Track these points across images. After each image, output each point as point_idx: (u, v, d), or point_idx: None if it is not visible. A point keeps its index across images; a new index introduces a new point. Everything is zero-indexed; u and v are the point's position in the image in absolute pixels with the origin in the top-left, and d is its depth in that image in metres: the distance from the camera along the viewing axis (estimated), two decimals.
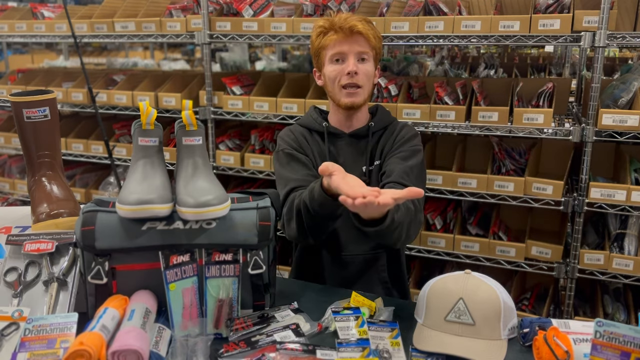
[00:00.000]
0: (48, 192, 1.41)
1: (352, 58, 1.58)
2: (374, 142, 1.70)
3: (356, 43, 1.58)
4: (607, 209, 2.22)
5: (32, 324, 1.09)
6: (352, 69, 1.57)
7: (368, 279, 1.70)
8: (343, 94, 1.61)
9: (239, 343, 1.17)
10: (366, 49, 1.59)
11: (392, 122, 1.74)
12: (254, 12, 2.70)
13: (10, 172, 3.57)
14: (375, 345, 1.18)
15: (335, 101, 1.65)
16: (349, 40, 1.58)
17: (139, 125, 1.28)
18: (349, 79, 1.59)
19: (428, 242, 2.56)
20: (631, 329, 0.97)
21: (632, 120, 2.11)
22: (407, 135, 1.68)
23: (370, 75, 1.63)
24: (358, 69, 1.58)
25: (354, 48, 1.58)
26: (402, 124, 1.74)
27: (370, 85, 1.64)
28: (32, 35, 3.15)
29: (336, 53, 1.59)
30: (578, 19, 2.14)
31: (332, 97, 1.66)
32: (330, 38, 1.59)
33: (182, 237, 1.21)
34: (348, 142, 1.69)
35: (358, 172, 1.65)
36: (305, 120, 1.76)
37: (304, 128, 1.74)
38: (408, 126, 1.73)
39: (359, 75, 1.59)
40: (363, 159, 1.68)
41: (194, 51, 7.87)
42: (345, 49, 1.58)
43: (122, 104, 3.00)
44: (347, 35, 1.57)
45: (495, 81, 2.77)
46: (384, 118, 1.73)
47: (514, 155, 2.55)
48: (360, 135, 1.69)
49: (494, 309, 1.19)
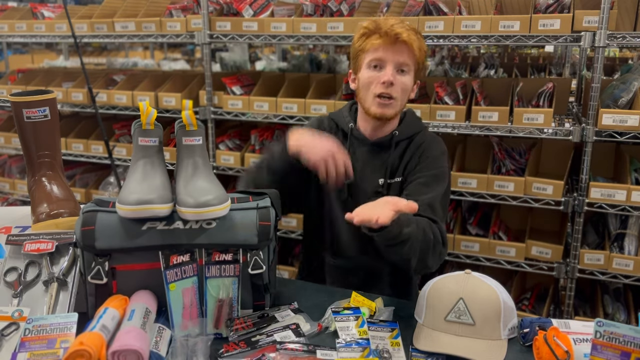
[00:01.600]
0: (48, 192, 1.41)
1: (390, 67, 1.50)
2: (396, 153, 1.61)
3: (398, 52, 1.49)
4: (607, 209, 2.22)
5: (32, 324, 1.09)
6: (389, 79, 1.49)
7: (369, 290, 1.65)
8: (375, 103, 1.53)
9: (239, 343, 1.17)
10: (407, 61, 1.51)
11: (420, 132, 1.64)
12: (254, 12, 2.70)
13: (10, 172, 3.57)
14: (375, 345, 1.18)
15: (364, 108, 1.57)
16: (392, 48, 1.49)
17: (139, 125, 1.28)
18: (383, 88, 1.50)
19: None
20: (631, 329, 0.98)
21: (632, 120, 2.11)
22: (434, 153, 1.60)
23: (407, 89, 1.54)
24: (395, 79, 1.50)
25: (395, 57, 1.50)
26: (430, 138, 1.64)
27: (404, 99, 1.56)
28: (32, 35, 3.15)
29: (375, 59, 1.51)
30: (578, 19, 2.14)
31: (363, 104, 1.58)
32: (372, 42, 1.51)
33: (182, 237, 1.21)
34: (369, 150, 1.62)
35: (374, 184, 1.61)
36: (337, 115, 1.70)
37: (335, 124, 1.69)
38: (436, 141, 1.64)
39: (394, 87, 1.50)
40: (381, 172, 1.61)
41: (194, 51, 7.87)
42: (385, 57, 1.50)
43: (122, 104, 3.00)
44: (391, 43, 1.48)
45: (495, 81, 2.77)
46: (410, 126, 1.64)
47: (514, 155, 2.55)
48: (383, 144, 1.61)
49: (494, 309, 1.19)
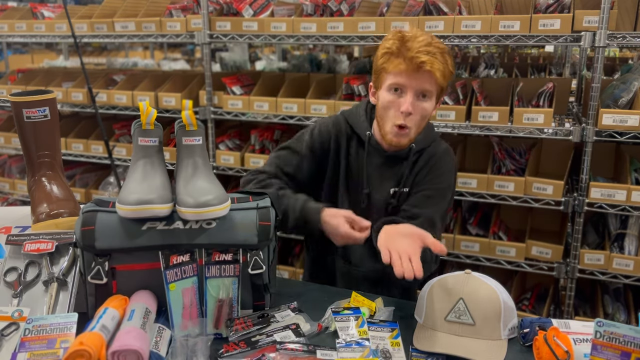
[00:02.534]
0: (48, 192, 1.41)
1: (410, 95, 1.45)
2: (408, 163, 1.60)
3: (420, 80, 1.44)
4: (607, 209, 2.22)
5: (32, 324, 1.09)
6: (407, 109, 1.44)
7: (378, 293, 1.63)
8: (392, 131, 1.50)
9: (239, 343, 1.17)
10: (429, 88, 1.46)
11: (432, 143, 1.62)
12: (254, 12, 2.70)
13: (10, 172, 3.57)
14: (375, 345, 1.18)
15: (381, 129, 1.54)
16: (414, 75, 1.43)
17: (139, 125, 1.28)
18: (402, 118, 1.46)
19: None
20: (631, 329, 0.97)
21: (632, 120, 2.11)
22: (444, 168, 1.59)
23: (426, 115, 1.50)
24: (414, 108, 1.45)
25: (416, 84, 1.45)
26: (443, 151, 1.62)
27: (422, 124, 1.52)
28: (32, 35, 3.15)
29: (396, 83, 1.46)
30: (578, 19, 2.14)
31: (380, 127, 1.54)
32: (394, 65, 1.45)
33: (182, 237, 1.21)
34: (384, 161, 1.61)
35: (386, 194, 1.60)
36: (354, 118, 1.64)
37: (349, 127, 1.64)
38: (449, 156, 1.62)
39: (412, 116, 1.46)
40: (394, 181, 1.60)
41: (194, 51, 7.87)
42: (406, 83, 1.45)
43: (122, 104, 3.00)
44: (414, 70, 1.43)
45: (495, 81, 2.77)
46: (426, 137, 1.61)
47: (514, 155, 2.55)
48: (399, 157, 1.59)
49: (494, 309, 1.19)
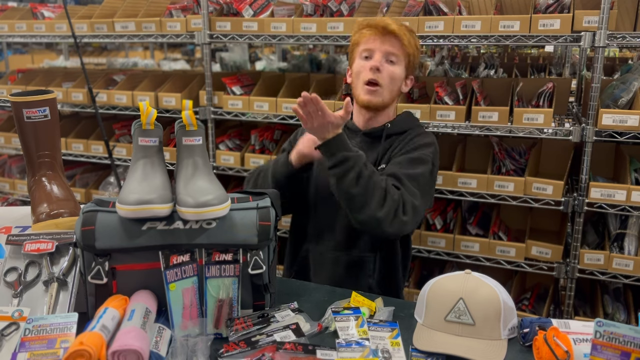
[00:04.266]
0: (48, 192, 1.41)
1: (379, 55, 1.59)
2: (387, 145, 1.67)
3: (387, 43, 1.59)
4: (607, 209, 2.22)
5: (32, 324, 1.09)
6: (375, 64, 1.57)
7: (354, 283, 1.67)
8: (363, 90, 1.62)
9: (239, 343, 1.17)
10: (396, 51, 1.60)
11: (413, 128, 1.70)
12: (254, 12, 2.70)
13: (10, 172, 3.57)
14: (375, 345, 1.18)
15: (356, 97, 1.66)
16: (381, 38, 1.59)
17: (139, 125, 1.28)
18: (371, 74, 1.58)
19: (428, 242, 2.56)
20: (631, 329, 0.97)
21: (632, 120, 2.11)
22: (418, 141, 1.63)
23: (396, 79, 1.61)
24: (382, 66, 1.58)
25: (383, 47, 1.59)
26: (422, 133, 1.69)
27: (393, 89, 1.63)
28: (32, 35, 3.15)
29: (366, 49, 1.61)
30: (578, 19, 2.14)
31: (355, 94, 1.66)
32: (364, 34, 1.61)
33: (182, 237, 1.21)
34: (361, 140, 1.69)
35: None
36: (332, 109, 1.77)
37: None
38: (426, 134, 1.68)
39: (381, 73, 1.58)
40: (371, 160, 1.65)
41: (194, 51, 7.87)
42: (374, 46, 1.60)
43: (122, 104, 3.00)
44: (380, 34, 1.59)
45: (495, 81, 2.77)
46: (404, 122, 1.70)
47: (514, 155, 2.55)
48: (374, 135, 1.68)
49: (494, 309, 1.19)
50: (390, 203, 1.47)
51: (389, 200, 1.47)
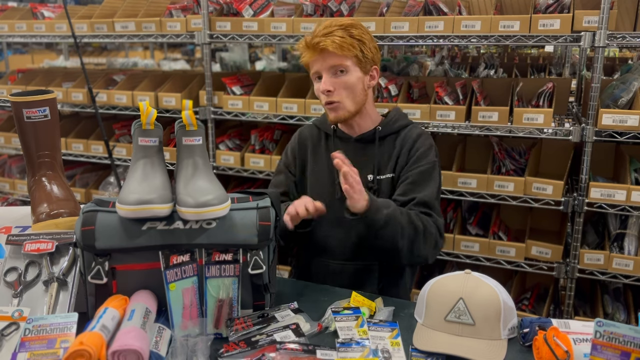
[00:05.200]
0: (48, 192, 1.41)
1: (325, 75, 1.57)
2: (383, 149, 1.66)
3: (327, 59, 1.55)
4: (607, 209, 2.22)
5: (32, 324, 1.09)
6: (324, 88, 1.57)
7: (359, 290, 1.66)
8: (327, 109, 1.63)
9: (239, 343, 1.17)
10: (339, 62, 1.55)
11: (406, 127, 1.69)
12: (254, 12, 2.70)
13: (10, 172, 3.57)
14: (375, 345, 1.18)
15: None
16: (320, 57, 1.56)
17: (139, 125, 1.28)
18: (325, 98, 1.59)
19: None
20: (631, 329, 0.97)
21: (632, 120, 2.11)
22: (421, 148, 1.64)
23: (353, 85, 1.58)
24: (333, 84, 1.56)
25: (326, 64, 1.56)
26: (417, 133, 1.68)
27: (355, 95, 1.59)
28: (32, 35, 3.15)
29: (314, 72, 1.60)
30: (578, 19, 2.14)
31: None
32: (306, 58, 1.59)
33: (182, 237, 1.21)
34: (354, 147, 1.66)
35: (364, 181, 1.60)
36: (320, 120, 1.78)
37: (318, 129, 1.76)
38: (424, 135, 1.68)
39: (333, 92, 1.57)
40: (369, 167, 1.64)
41: (194, 51, 7.87)
42: (319, 67, 1.58)
43: (122, 104, 3.00)
44: (317, 53, 1.56)
45: (495, 81, 2.77)
46: (395, 121, 1.69)
47: (514, 155, 2.55)
48: (366, 139, 1.66)
49: (494, 309, 1.19)
50: (432, 240, 1.55)
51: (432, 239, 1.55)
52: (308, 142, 1.76)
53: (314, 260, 1.71)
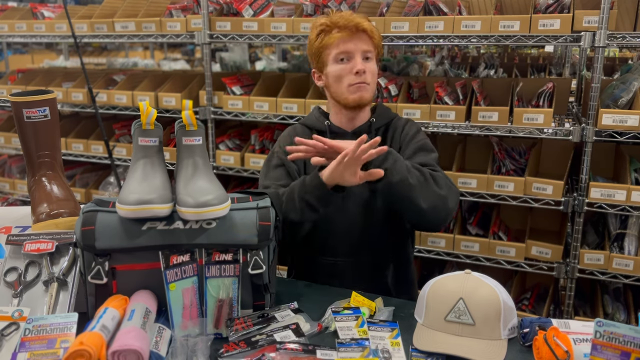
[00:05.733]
0: (48, 192, 1.41)
1: (358, 56, 1.56)
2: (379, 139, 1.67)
3: (361, 41, 1.56)
4: (607, 209, 2.22)
5: (32, 324, 1.09)
6: (361, 68, 1.55)
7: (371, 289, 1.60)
8: (351, 90, 1.58)
9: (239, 343, 1.17)
10: (370, 48, 1.58)
11: (394, 119, 1.71)
12: (254, 12, 2.70)
13: (10, 172, 3.57)
14: (375, 345, 1.18)
15: (340, 100, 1.61)
16: (354, 38, 1.55)
17: (139, 125, 1.28)
18: (357, 78, 1.56)
19: (428, 242, 2.56)
20: (631, 329, 0.97)
21: (632, 120, 2.11)
22: (410, 132, 1.67)
23: (375, 74, 1.61)
24: (365, 67, 1.56)
25: (359, 46, 1.56)
26: (404, 120, 1.72)
27: (374, 82, 1.63)
28: (32, 35, 3.15)
29: (342, 52, 1.56)
30: (578, 19, 2.14)
31: (337, 97, 1.61)
32: (335, 36, 1.55)
33: (182, 237, 1.21)
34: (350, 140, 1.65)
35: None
36: (308, 119, 1.75)
37: (307, 128, 1.72)
38: (410, 122, 1.71)
39: (366, 74, 1.57)
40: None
41: (194, 51, 7.87)
42: (351, 48, 1.55)
43: (122, 104, 3.00)
44: (353, 33, 1.55)
45: (495, 81, 2.77)
46: (384, 114, 1.71)
47: (514, 155, 2.55)
48: (362, 132, 1.64)
49: (494, 309, 1.19)
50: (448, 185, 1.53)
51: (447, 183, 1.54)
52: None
53: (318, 260, 1.69)
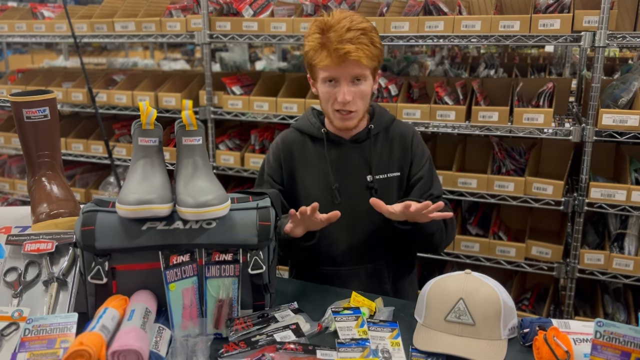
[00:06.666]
0: (48, 192, 1.41)
1: (345, 84, 1.48)
2: (376, 146, 1.62)
3: (349, 68, 1.46)
4: (607, 209, 2.22)
5: (32, 324, 1.09)
6: (344, 99, 1.47)
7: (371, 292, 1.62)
8: (336, 117, 1.54)
9: (239, 343, 1.17)
10: (361, 71, 1.48)
11: (392, 123, 1.67)
12: (254, 12, 2.70)
13: (10, 172, 3.57)
14: (375, 345, 1.18)
15: (329, 119, 1.59)
16: (342, 65, 1.45)
17: (139, 125, 1.28)
18: (341, 106, 1.50)
19: None
20: (631, 329, 0.97)
21: (632, 120, 2.11)
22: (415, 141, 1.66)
23: (366, 94, 1.53)
24: (351, 94, 1.48)
25: (348, 72, 1.47)
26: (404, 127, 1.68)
27: (366, 103, 1.55)
28: (32, 35, 3.15)
29: (328, 76, 1.49)
30: (578, 19, 2.14)
31: (326, 115, 1.59)
32: (321, 60, 1.47)
33: (182, 237, 1.21)
34: (348, 148, 1.62)
35: (363, 183, 1.60)
36: (303, 124, 1.67)
37: (300, 133, 1.67)
38: (416, 135, 1.68)
39: (351, 102, 1.50)
40: (366, 168, 1.61)
41: (194, 51, 7.87)
42: (337, 74, 1.48)
43: (122, 104, 3.00)
44: (340, 61, 1.44)
45: (495, 81, 2.77)
46: (382, 118, 1.65)
47: (514, 155, 2.55)
48: (360, 139, 1.62)
49: (494, 309, 1.19)
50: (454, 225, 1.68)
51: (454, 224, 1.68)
52: (294, 148, 1.65)
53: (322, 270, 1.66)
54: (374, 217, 1.56)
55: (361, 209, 1.57)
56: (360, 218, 1.60)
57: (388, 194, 1.60)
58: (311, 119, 1.66)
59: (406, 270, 1.72)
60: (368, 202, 1.46)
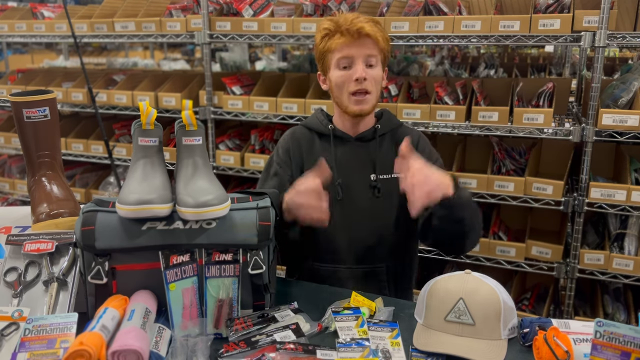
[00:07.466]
0: (48, 192, 1.41)
1: (360, 63, 1.51)
2: (383, 149, 1.63)
3: (364, 46, 1.50)
4: (607, 209, 2.22)
5: (32, 324, 1.09)
6: (361, 75, 1.50)
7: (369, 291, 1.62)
8: (351, 101, 1.54)
9: (239, 343, 1.17)
10: (374, 52, 1.52)
11: (399, 127, 1.68)
12: (254, 12, 2.70)
13: (10, 172, 3.57)
14: (375, 345, 1.18)
15: (342, 108, 1.59)
16: (357, 43, 1.50)
17: (139, 125, 1.28)
18: (357, 85, 1.51)
19: None
20: (631, 329, 0.97)
21: (632, 120, 2.11)
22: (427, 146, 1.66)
23: (379, 80, 1.56)
24: (367, 74, 1.51)
25: (361, 51, 1.50)
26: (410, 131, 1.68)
27: (378, 90, 1.57)
28: (32, 35, 3.15)
29: (343, 57, 1.52)
30: (578, 19, 2.14)
31: (339, 104, 1.59)
32: (337, 42, 1.51)
33: (182, 237, 1.21)
34: (354, 146, 1.63)
35: (365, 182, 1.60)
36: (311, 121, 1.70)
37: (308, 130, 1.69)
38: (422, 138, 1.68)
39: (367, 81, 1.51)
40: (370, 167, 1.61)
41: (194, 51, 7.87)
42: (352, 53, 1.50)
43: (122, 104, 3.00)
44: (355, 38, 1.49)
45: (495, 81, 2.77)
46: (390, 121, 1.67)
47: (514, 155, 2.55)
48: (366, 138, 1.63)
49: (494, 309, 1.19)
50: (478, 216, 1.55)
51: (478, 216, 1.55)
52: (302, 143, 1.68)
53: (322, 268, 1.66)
54: (375, 215, 1.57)
55: (362, 206, 1.58)
56: (361, 216, 1.60)
57: (391, 195, 1.60)
58: (319, 117, 1.70)
59: (406, 271, 1.71)
60: (369, 200, 1.46)
